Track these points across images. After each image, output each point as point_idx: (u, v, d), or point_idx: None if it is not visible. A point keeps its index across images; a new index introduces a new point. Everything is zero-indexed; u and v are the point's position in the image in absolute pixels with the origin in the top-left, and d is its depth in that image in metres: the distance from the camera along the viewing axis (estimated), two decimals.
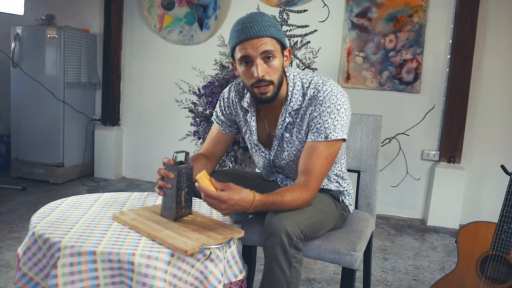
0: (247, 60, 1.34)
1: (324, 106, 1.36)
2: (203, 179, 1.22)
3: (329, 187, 1.55)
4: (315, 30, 2.79)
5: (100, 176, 4.03)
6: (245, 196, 1.24)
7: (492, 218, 1.75)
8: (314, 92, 1.40)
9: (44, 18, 3.69)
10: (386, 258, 2.59)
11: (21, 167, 3.78)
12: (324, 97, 1.37)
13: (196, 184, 1.21)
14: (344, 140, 1.41)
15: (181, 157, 1.34)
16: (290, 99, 1.42)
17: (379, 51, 3.36)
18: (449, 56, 3.26)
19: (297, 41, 2.74)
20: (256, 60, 1.32)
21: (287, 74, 1.44)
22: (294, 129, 1.44)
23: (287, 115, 1.44)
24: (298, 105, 1.42)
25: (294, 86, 1.43)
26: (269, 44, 1.31)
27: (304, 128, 1.42)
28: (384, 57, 3.36)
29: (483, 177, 3.30)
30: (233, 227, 1.28)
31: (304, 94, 1.42)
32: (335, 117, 1.36)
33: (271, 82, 1.35)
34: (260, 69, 1.32)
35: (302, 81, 1.43)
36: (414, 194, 3.43)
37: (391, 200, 3.45)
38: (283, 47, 1.37)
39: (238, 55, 1.34)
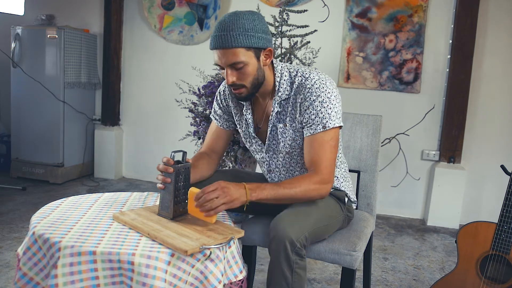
0: (220, 66, 1.37)
1: (314, 96, 1.37)
2: (192, 193, 1.26)
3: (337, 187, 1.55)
4: (315, 30, 2.79)
5: (100, 176, 4.03)
6: (235, 183, 1.27)
7: (492, 218, 1.75)
8: (301, 80, 1.41)
9: (44, 18, 3.69)
10: (386, 258, 2.59)
11: (21, 167, 3.78)
12: (312, 85, 1.38)
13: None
14: (340, 127, 1.41)
15: (178, 157, 1.34)
16: (278, 89, 1.44)
17: (379, 51, 3.36)
18: (449, 56, 3.26)
19: (297, 41, 2.74)
20: (225, 68, 1.35)
21: (275, 65, 1.46)
22: (287, 119, 1.44)
23: (276, 105, 1.45)
24: (286, 94, 1.43)
25: (282, 76, 1.44)
26: (237, 54, 1.31)
27: (297, 116, 1.42)
28: (384, 57, 3.36)
29: (483, 177, 3.30)
30: (233, 227, 1.28)
31: (292, 83, 1.43)
32: (328, 105, 1.37)
33: (243, 86, 1.38)
34: (230, 77, 1.35)
35: (289, 71, 1.45)
36: (414, 194, 3.43)
37: (391, 200, 3.45)
38: (259, 49, 1.36)
39: (214, 58, 1.38)
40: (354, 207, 1.65)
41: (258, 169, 2.90)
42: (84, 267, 1.05)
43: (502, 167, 1.72)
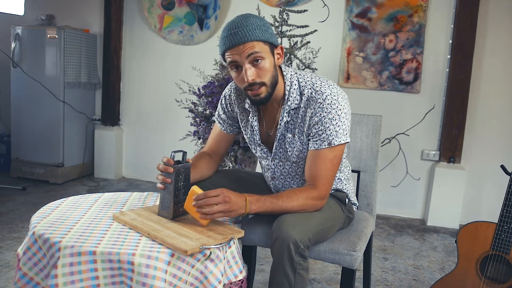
0: (236, 65, 1.34)
1: (325, 112, 1.35)
2: (194, 192, 1.25)
3: (338, 187, 1.56)
4: (315, 30, 2.79)
5: (100, 176, 4.03)
6: (237, 194, 1.27)
7: (492, 218, 1.75)
8: (312, 93, 1.38)
9: (44, 18, 3.69)
10: (386, 258, 2.59)
11: (21, 167, 3.78)
12: (323, 100, 1.36)
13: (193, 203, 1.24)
14: (347, 142, 1.41)
15: (178, 157, 1.34)
16: (288, 98, 1.42)
17: (379, 51, 3.36)
18: (449, 56, 3.26)
19: (297, 41, 2.74)
20: (244, 65, 1.31)
21: (284, 73, 1.43)
22: (296, 130, 1.43)
23: (285, 114, 1.43)
24: (296, 104, 1.41)
25: (291, 85, 1.42)
26: (255, 47, 1.29)
27: (305, 130, 1.41)
28: (384, 57, 3.36)
29: (483, 177, 3.30)
30: (233, 227, 1.28)
31: (301, 94, 1.41)
32: (337, 123, 1.35)
33: (263, 84, 1.35)
34: (249, 73, 1.31)
35: (299, 80, 1.42)
36: (414, 194, 3.43)
37: (391, 200, 3.45)
38: (273, 46, 1.35)
39: (227, 60, 1.35)
40: (355, 209, 1.65)
41: (258, 169, 2.90)
42: (84, 267, 1.05)
43: (502, 167, 1.72)
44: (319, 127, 1.36)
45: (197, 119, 2.70)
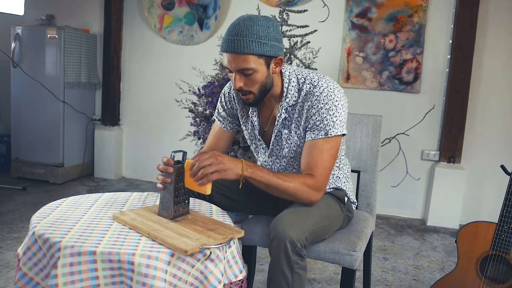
0: (229, 69, 1.36)
1: (322, 103, 1.36)
2: (188, 164, 1.26)
3: (336, 186, 1.56)
4: (315, 30, 2.79)
5: (100, 176, 4.03)
6: (232, 157, 1.28)
7: (492, 218, 1.75)
8: (309, 88, 1.40)
9: (44, 18, 3.69)
10: (386, 258, 2.59)
11: (21, 167, 3.78)
12: (320, 93, 1.37)
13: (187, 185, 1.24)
14: (343, 135, 1.41)
15: (178, 157, 1.35)
16: (286, 95, 1.43)
17: (379, 51, 3.36)
18: (449, 56, 3.26)
19: (297, 41, 2.74)
20: (234, 73, 1.34)
21: (283, 71, 1.45)
22: (293, 125, 1.44)
23: (283, 111, 1.44)
24: (294, 101, 1.43)
25: (290, 82, 1.43)
26: (248, 61, 1.30)
27: (302, 123, 1.42)
28: (384, 57, 3.36)
29: (483, 177, 3.30)
30: (233, 227, 1.28)
31: (299, 90, 1.42)
32: (334, 113, 1.36)
33: (250, 92, 1.37)
34: (237, 82, 1.34)
35: (297, 77, 1.44)
36: (414, 194, 3.43)
37: (391, 200, 3.45)
38: (269, 58, 1.35)
39: (223, 63, 1.37)
40: (354, 208, 1.65)
41: None
42: (84, 267, 1.05)
43: (502, 167, 1.72)
44: (316, 118, 1.37)
45: (197, 119, 2.70)
